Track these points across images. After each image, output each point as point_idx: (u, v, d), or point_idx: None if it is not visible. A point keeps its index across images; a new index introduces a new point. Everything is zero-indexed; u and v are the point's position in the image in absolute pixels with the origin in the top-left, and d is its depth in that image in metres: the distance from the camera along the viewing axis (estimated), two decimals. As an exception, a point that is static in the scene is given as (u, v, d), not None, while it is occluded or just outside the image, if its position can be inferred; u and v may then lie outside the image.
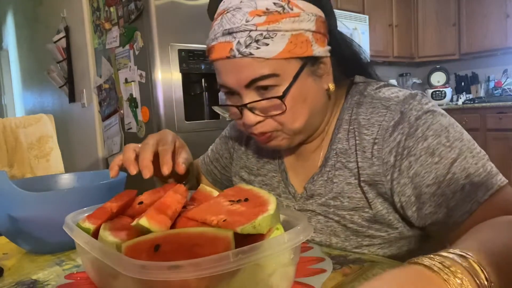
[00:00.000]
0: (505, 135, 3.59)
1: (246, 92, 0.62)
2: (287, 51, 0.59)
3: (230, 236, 0.42)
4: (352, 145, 0.66)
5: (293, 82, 0.60)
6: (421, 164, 0.59)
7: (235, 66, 0.60)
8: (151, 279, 0.37)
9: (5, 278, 0.60)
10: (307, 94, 0.63)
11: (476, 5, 4.09)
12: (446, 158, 0.58)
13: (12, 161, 1.61)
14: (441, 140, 0.59)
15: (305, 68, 0.61)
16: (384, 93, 0.66)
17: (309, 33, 0.61)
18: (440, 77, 4.52)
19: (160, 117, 2.09)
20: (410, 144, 0.60)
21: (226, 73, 0.62)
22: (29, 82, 3.93)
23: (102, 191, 0.72)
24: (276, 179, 0.78)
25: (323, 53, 0.63)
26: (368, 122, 0.65)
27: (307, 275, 0.52)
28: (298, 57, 0.60)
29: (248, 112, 0.63)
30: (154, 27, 2.05)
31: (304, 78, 0.62)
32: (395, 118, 0.62)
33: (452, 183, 0.57)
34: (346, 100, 0.70)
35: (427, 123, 0.60)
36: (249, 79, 0.60)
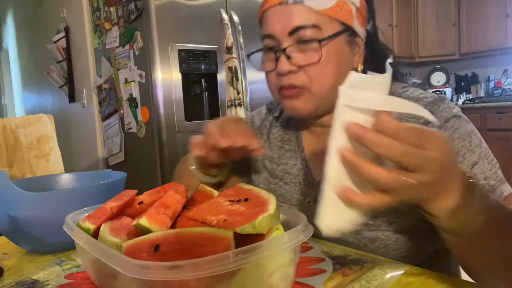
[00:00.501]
0: (505, 135, 3.59)
1: (287, 39, 0.66)
2: (333, 10, 0.65)
3: (230, 236, 0.42)
4: None
5: (333, 36, 0.65)
6: None
7: (285, 12, 0.65)
8: (151, 279, 0.37)
9: (5, 278, 0.60)
10: (341, 58, 0.67)
11: (476, 5, 4.08)
12: (468, 160, 0.63)
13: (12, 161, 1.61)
14: (465, 144, 0.64)
15: (344, 34, 0.67)
16: (412, 93, 0.70)
17: (353, 6, 0.67)
18: (440, 77, 4.52)
19: (160, 117, 2.09)
20: None
21: (274, 20, 0.67)
22: (29, 82, 3.93)
23: (102, 191, 0.72)
24: (296, 167, 0.79)
25: (360, 33, 0.69)
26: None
27: (307, 275, 0.52)
28: (340, 21, 0.66)
29: (284, 59, 0.66)
30: (154, 27, 2.05)
31: (341, 42, 0.67)
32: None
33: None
34: None
35: (454, 126, 0.65)
36: (294, 25, 0.65)
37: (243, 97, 2.20)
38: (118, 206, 0.56)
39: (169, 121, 2.10)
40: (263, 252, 0.40)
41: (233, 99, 2.16)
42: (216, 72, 2.24)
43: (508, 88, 4.05)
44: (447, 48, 4.30)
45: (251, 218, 0.44)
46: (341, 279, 0.52)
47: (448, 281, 0.51)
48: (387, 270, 0.54)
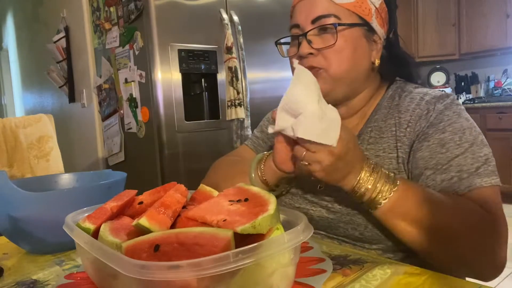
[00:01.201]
0: (505, 135, 3.59)
1: (310, 26, 0.73)
2: (353, 5, 0.72)
3: (230, 236, 0.42)
4: (390, 123, 0.75)
5: (350, 24, 0.72)
6: (429, 150, 0.68)
7: (310, 3, 0.74)
8: (151, 279, 0.37)
9: (5, 278, 0.60)
10: (357, 47, 0.73)
11: (476, 5, 4.08)
12: (451, 152, 0.67)
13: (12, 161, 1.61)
14: (454, 138, 0.68)
15: (362, 27, 0.73)
16: (423, 90, 0.76)
17: (373, 6, 0.74)
18: (440, 77, 4.52)
19: (160, 117, 2.09)
20: (429, 131, 0.70)
21: (300, 11, 0.75)
22: (29, 82, 3.93)
23: (102, 191, 0.72)
24: None
25: (379, 32, 0.76)
26: (406, 108, 0.74)
27: (307, 275, 0.52)
28: (359, 15, 0.73)
29: (305, 43, 0.73)
30: (154, 27, 2.05)
31: (359, 33, 0.73)
32: (429, 108, 0.71)
33: (445, 172, 0.66)
34: (387, 92, 0.81)
35: (450, 120, 0.69)
36: (317, 14, 0.72)
37: (243, 97, 2.20)
38: (118, 206, 0.56)
39: (169, 121, 2.10)
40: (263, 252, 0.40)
41: (233, 99, 2.16)
42: (216, 72, 2.24)
43: (508, 88, 4.05)
44: (447, 48, 4.30)
45: (251, 218, 0.44)
46: (341, 279, 0.52)
47: (448, 281, 0.51)
48: (387, 270, 0.54)
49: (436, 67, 4.53)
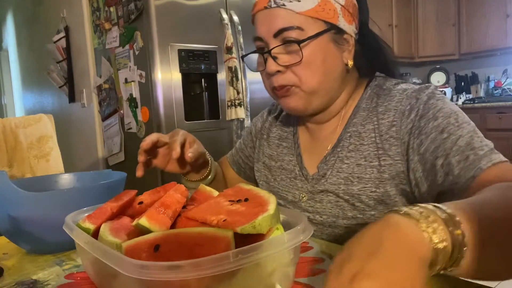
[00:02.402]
0: (505, 135, 3.59)
1: (273, 41, 0.70)
2: (315, 11, 0.68)
3: (230, 236, 0.42)
4: (369, 129, 0.71)
5: (314, 36, 0.68)
6: (431, 141, 0.64)
7: (269, 16, 0.69)
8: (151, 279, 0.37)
9: (5, 278, 0.60)
10: (326, 56, 0.70)
11: (476, 5, 4.08)
12: (455, 134, 0.62)
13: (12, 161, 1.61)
14: (451, 120, 0.64)
15: (328, 32, 0.69)
16: (402, 87, 0.72)
17: (338, 5, 0.69)
18: (440, 77, 4.51)
19: (160, 117, 2.09)
20: (422, 124, 0.66)
21: (261, 23, 0.71)
22: (29, 82, 3.93)
23: (102, 191, 0.72)
24: (292, 163, 0.83)
25: (348, 30, 0.71)
26: (385, 108, 0.71)
27: (307, 275, 0.52)
28: (324, 20, 0.68)
29: (271, 60, 0.70)
30: (154, 27, 2.05)
31: (326, 40, 0.69)
32: (411, 102, 0.68)
33: (458, 153, 0.61)
34: (366, 91, 0.76)
35: (437, 106, 0.66)
36: (278, 28, 0.68)
37: (243, 97, 2.20)
38: (118, 206, 0.56)
39: (169, 121, 2.10)
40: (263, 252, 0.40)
41: (233, 99, 2.16)
42: (216, 72, 2.24)
43: (508, 88, 4.05)
44: (447, 48, 4.30)
45: (251, 218, 0.44)
46: (341, 279, 0.51)
47: (448, 281, 0.51)
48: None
49: (436, 67, 4.53)
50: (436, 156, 0.63)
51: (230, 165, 1.03)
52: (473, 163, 0.60)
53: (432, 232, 0.36)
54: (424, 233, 0.36)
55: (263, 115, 0.98)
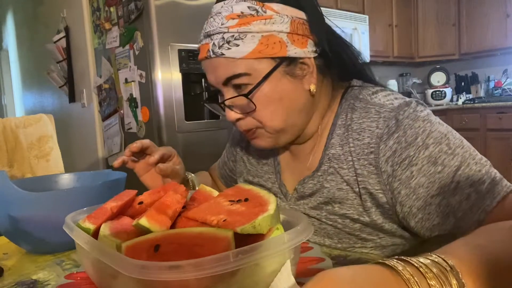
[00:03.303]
0: (505, 135, 3.59)
1: (225, 90, 0.66)
2: (258, 51, 0.61)
3: (230, 236, 0.42)
4: (346, 151, 0.66)
5: (261, 81, 0.62)
6: (424, 174, 0.58)
7: (211, 66, 0.65)
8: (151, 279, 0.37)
9: (5, 278, 0.60)
10: (282, 93, 0.64)
11: (476, 5, 4.08)
12: (449, 167, 0.57)
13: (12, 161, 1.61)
14: (443, 148, 0.59)
15: (278, 68, 0.63)
16: (380, 99, 0.66)
17: (283, 34, 0.62)
18: (440, 77, 4.51)
19: (160, 117, 2.09)
20: (411, 153, 0.59)
21: (208, 72, 0.67)
22: (29, 82, 3.93)
23: (102, 191, 0.72)
24: (271, 180, 0.80)
25: (302, 54, 0.64)
26: (359, 126, 0.65)
27: (307, 275, 0.52)
28: (270, 57, 0.62)
29: (228, 109, 0.67)
30: (154, 27, 2.05)
31: (277, 78, 0.63)
32: (389, 125, 0.61)
33: (457, 192, 0.56)
34: (341, 104, 0.70)
35: (426, 131, 0.60)
36: (223, 78, 0.64)
37: (243, 97, 2.20)
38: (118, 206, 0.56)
39: (169, 121, 2.10)
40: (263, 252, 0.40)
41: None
42: (216, 72, 2.24)
43: (508, 88, 4.05)
44: (447, 48, 4.30)
45: (251, 218, 0.44)
46: (341, 279, 0.51)
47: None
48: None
49: (436, 67, 4.52)
50: (432, 195, 0.58)
51: (218, 178, 1.00)
52: (475, 203, 0.55)
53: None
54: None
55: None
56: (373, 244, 0.67)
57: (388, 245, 0.67)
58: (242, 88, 0.64)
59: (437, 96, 4.32)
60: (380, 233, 0.66)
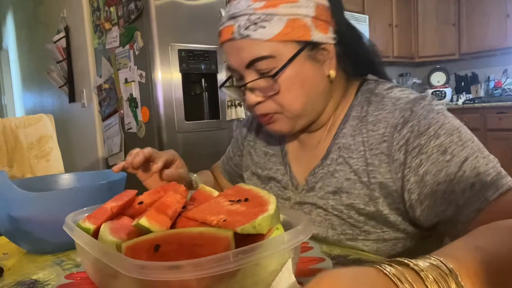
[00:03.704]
0: (505, 135, 3.59)
1: (247, 73, 0.66)
2: (283, 34, 0.62)
3: (230, 236, 0.42)
4: (358, 141, 0.67)
5: (287, 63, 0.63)
6: (432, 162, 0.59)
7: (236, 48, 0.65)
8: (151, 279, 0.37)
9: (5, 278, 0.60)
10: (305, 77, 0.65)
11: (476, 5, 4.08)
12: (458, 156, 0.58)
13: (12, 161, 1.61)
14: (454, 139, 0.59)
15: (302, 52, 0.64)
16: (396, 93, 0.67)
17: (308, 18, 0.63)
18: (440, 77, 4.52)
19: (160, 117, 2.09)
20: (422, 142, 0.60)
21: (230, 54, 0.66)
22: (29, 82, 3.93)
23: (102, 191, 0.72)
24: (280, 171, 0.80)
25: (325, 39, 0.65)
26: (375, 118, 0.66)
27: (307, 275, 0.52)
28: (295, 40, 0.63)
29: (249, 93, 0.67)
30: (154, 27, 2.05)
31: (301, 61, 0.64)
32: (404, 115, 0.63)
33: (463, 180, 0.57)
34: (356, 97, 0.71)
35: (439, 122, 0.61)
36: (247, 60, 0.64)
37: (243, 97, 2.20)
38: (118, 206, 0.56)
39: (169, 121, 2.10)
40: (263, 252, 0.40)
41: (233, 99, 2.16)
42: (216, 72, 2.24)
43: (508, 88, 4.05)
44: (447, 48, 4.30)
45: (251, 218, 0.44)
46: (341, 279, 0.51)
47: (448, 281, 0.51)
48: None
49: (436, 67, 4.53)
50: (438, 182, 0.58)
51: (222, 174, 1.00)
52: (478, 192, 0.55)
53: None
54: None
55: (249, 120, 0.94)
56: (376, 237, 0.67)
57: (391, 239, 0.67)
58: (264, 71, 0.64)
59: (437, 96, 4.32)
60: (384, 226, 0.66)
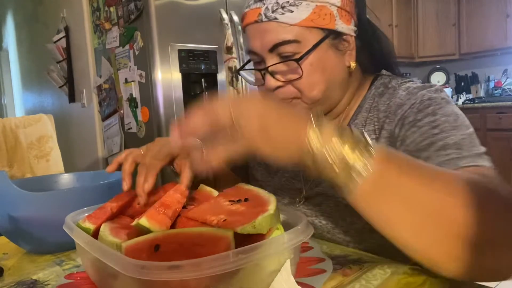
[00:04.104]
0: (505, 135, 3.59)
1: (269, 57, 0.66)
2: (310, 20, 0.63)
3: (230, 236, 0.42)
4: (370, 130, 0.69)
5: (312, 49, 0.64)
6: (420, 134, 0.60)
7: (261, 30, 0.65)
8: (151, 279, 0.37)
9: (5, 278, 0.60)
10: (326, 65, 0.66)
11: (476, 5, 4.08)
12: (447, 133, 0.58)
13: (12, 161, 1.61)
14: (449, 119, 0.59)
15: (326, 40, 0.65)
16: (408, 85, 0.69)
17: (334, 7, 0.65)
18: (440, 77, 4.52)
19: (160, 117, 2.09)
20: (418, 117, 0.62)
21: (254, 37, 0.67)
22: (29, 82, 3.92)
23: (102, 191, 0.72)
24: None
25: (347, 31, 0.67)
26: (387, 106, 0.68)
27: (307, 275, 0.52)
28: (320, 27, 0.64)
29: (269, 77, 0.67)
30: (154, 27, 2.05)
31: (324, 48, 0.66)
32: (411, 97, 0.65)
33: (441, 148, 0.56)
34: (370, 90, 0.73)
35: (440, 104, 0.62)
36: (272, 43, 0.64)
37: (243, 97, 2.20)
38: (118, 206, 0.56)
39: (169, 121, 2.10)
40: (263, 252, 0.40)
41: (236, 97, 2.16)
42: (216, 72, 2.24)
43: (508, 88, 4.05)
44: (447, 48, 4.30)
45: (251, 218, 0.44)
46: (341, 279, 0.52)
47: (448, 281, 0.51)
48: (387, 270, 0.54)
49: (436, 67, 4.53)
50: (419, 149, 0.59)
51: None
52: (452, 160, 0.55)
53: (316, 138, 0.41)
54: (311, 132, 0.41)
55: None
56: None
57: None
58: (288, 55, 0.65)
59: (437, 96, 4.31)
60: None
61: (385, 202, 0.42)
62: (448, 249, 0.41)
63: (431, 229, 0.42)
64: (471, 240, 0.40)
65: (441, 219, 0.41)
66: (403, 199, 0.42)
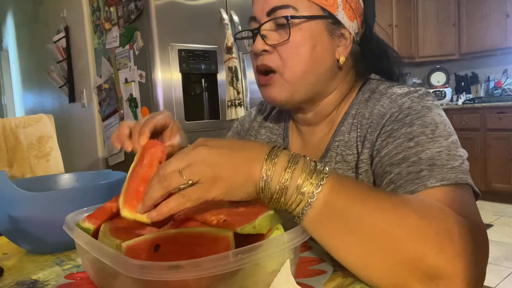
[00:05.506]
0: (505, 135, 3.59)
1: (265, 19, 0.66)
2: None
3: (230, 236, 0.42)
4: (353, 137, 0.68)
5: (307, 17, 0.64)
6: (395, 146, 0.59)
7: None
8: (151, 279, 0.37)
9: (5, 278, 0.60)
10: (317, 44, 0.66)
11: (476, 5, 4.08)
12: (422, 146, 0.56)
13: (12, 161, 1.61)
14: (426, 131, 0.58)
15: (323, 20, 0.66)
16: (394, 90, 0.67)
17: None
18: (440, 77, 4.52)
19: (160, 117, 2.09)
20: (395, 127, 0.61)
21: (257, 2, 0.68)
22: (29, 82, 3.93)
23: (102, 191, 0.72)
24: None
25: (347, 24, 0.67)
26: (370, 114, 0.67)
27: (307, 276, 0.51)
28: (320, 6, 0.65)
29: (259, 39, 0.66)
30: (154, 27, 2.05)
31: (319, 27, 0.66)
32: (393, 106, 0.64)
33: (413, 164, 0.55)
34: (357, 96, 0.72)
35: (419, 114, 0.61)
36: (272, 5, 0.65)
37: (243, 97, 2.20)
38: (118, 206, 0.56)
39: (169, 121, 2.10)
40: (263, 252, 0.40)
41: (233, 99, 2.16)
42: (216, 72, 2.24)
43: (508, 88, 4.05)
44: (447, 48, 4.30)
45: (251, 218, 0.44)
46: (341, 280, 0.52)
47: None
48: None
49: (436, 67, 4.53)
50: (392, 163, 0.57)
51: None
52: (421, 178, 0.53)
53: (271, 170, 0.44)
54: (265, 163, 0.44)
55: (251, 114, 0.93)
56: None
57: None
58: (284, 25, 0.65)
59: (437, 96, 4.32)
60: None
61: (332, 229, 0.45)
62: (398, 279, 0.43)
63: (378, 258, 0.44)
64: (421, 270, 0.42)
65: (388, 249, 0.43)
66: (349, 227, 0.44)
